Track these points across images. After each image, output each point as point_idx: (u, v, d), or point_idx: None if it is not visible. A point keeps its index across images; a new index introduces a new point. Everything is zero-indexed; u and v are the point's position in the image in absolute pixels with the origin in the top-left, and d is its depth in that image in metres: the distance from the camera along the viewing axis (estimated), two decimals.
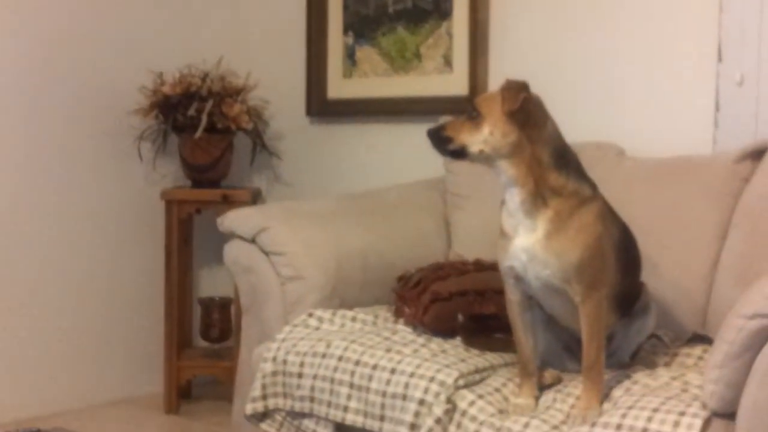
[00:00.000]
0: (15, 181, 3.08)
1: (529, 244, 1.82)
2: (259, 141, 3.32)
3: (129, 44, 3.29)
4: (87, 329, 3.26)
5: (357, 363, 2.06)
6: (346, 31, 3.31)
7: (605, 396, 1.81)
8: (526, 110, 1.79)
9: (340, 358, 2.09)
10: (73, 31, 3.16)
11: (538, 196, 1.80)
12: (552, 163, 1.81)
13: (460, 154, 1.84)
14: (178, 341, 3.24)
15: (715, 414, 1.61)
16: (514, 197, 1.82)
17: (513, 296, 1.92)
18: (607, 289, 1.84)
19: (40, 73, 3.10)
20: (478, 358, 2.04)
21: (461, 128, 1.83)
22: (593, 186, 1.87)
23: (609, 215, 1.89)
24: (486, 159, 1.82)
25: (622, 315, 1.96)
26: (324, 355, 2.12)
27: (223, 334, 3.29)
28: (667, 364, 1.99)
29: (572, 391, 1.86)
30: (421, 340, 2.14)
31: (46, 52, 3.11)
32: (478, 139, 1.80)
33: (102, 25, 3.23)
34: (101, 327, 3.29)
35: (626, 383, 1.85)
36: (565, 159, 1.84)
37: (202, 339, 3.35)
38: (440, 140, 1.85)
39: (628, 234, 1.98)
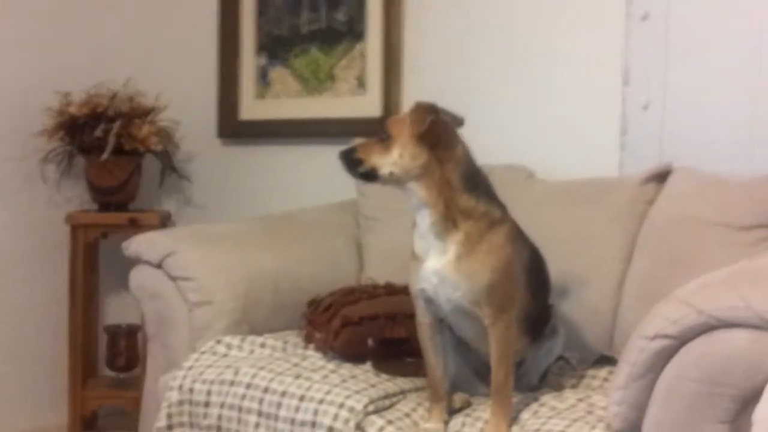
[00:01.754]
0: None
1: (439, 267, 1.82)
2: (168, 163, 3.25)
3: (35, 63, 3.18)
4: None
5: (265, 390, 2.02)
6: (259, 51, 3.28)
7: (513, 419, 1.80)
8: (434, 132, 1.79)
9: (248, 386, 2.05)
10: None
11: (448, 219, 1.81)
12: (462, 186, 1.81)
13: (370, 176, 1.84)
14: (83, 370, 3.14)
15: None
16: (425, 219, 1.82)
17: (424, 319, 1.91)
18: (516, 311, 1.84)
19: None
20: (388, 383, 2.02)
21: (372, 150, 1.83)
22: (503, 208, 1.88)
23: (519, 237, 1.90)
24: (396, 181, 1.82)
25: (533, 339, 1.96)
26: (232, 383, 2.08)
27: (130, 362, 3.20)
28: (573, 386, 2.00)
29: (481, 415, 1.85)
30: (330, 365, 2.11)
31: None
32: (388, 161, 1.80)
33: (6, 44, 3.13)
34: (1, 355, 3.15)
35: (534, 406, 1.85)
36: (476, 181, 1.84)
37: (108, 368, 3.25)
38: (351, 162, 1.85)
39: (538, 256, 1.99)
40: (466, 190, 1.81)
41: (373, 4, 3.01)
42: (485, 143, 2.75)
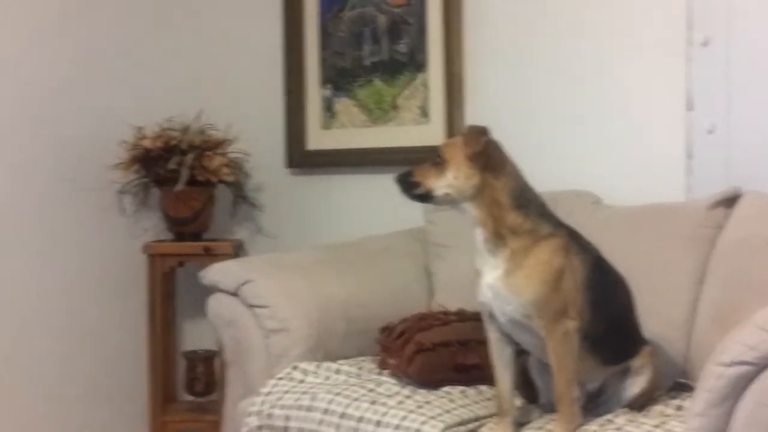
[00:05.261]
0: None
1: (492, 282, 1.91)
2: (240, 193, 3.34)
3: (109, 99, 3.29)
4: (70, 385, 3.21)
5: (342, 416, 2.07)
6: (323, 83, 3.35)
7: None
8: (486, 153, 1.88)
9: (325, 411, 2.10)
10: (54, 87, 3.17)
11: (498, 236, 1.89)
12: (511, 204, 1.89)
13: (426, 197, 1.95)
14: (162, 396, 3.22)
15: None
16: (478, 236, 1.92)
17: (491, 333, 1.99)
18: (575, 323, 1.87)
19: (20, 129, 3.09)
20: (463, 410, 2.05)
21: (428, 173, 1.93)
22: (556, 224, 1.93)
23: (573, 252, 1.92)
24: (451, 201, 1.93)
25: (604, 362, 1.97)
26: (309, 409, 2.13)
27: (208, 387, 3.27)
28: (647, 413, 1.98)
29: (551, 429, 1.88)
30: (405, 391, 2.15)
31: (27, 109, 3.10)
32: (443, 183, 1.90)
33: (82, 81, 3.24)
34: (84, 382, 3.25)
35: (610, 427, 1.86)
36: (525, 199, 1.92)
37: (186, 393, 3.32)
38: (408, 185, 1.95)
39: (604, 273, 1.99)
40: (514, 208, 1.89)
41: (433, 35, 3.07)
42: (550, 169, 2.80)
